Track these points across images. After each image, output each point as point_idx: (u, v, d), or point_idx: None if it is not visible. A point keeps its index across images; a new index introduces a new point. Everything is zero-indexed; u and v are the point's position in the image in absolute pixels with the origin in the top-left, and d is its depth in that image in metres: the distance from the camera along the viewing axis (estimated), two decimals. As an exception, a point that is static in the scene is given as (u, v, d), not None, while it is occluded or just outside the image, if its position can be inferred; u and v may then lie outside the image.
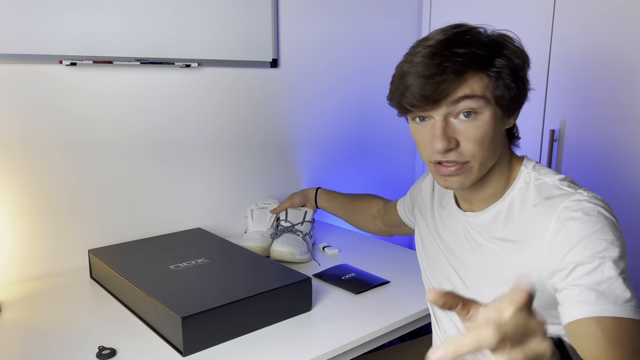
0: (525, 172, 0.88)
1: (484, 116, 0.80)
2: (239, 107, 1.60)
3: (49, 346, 0.96)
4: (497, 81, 0.79)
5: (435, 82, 0.77)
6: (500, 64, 0.79)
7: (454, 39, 0.79)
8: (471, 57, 0.77)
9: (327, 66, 1.79)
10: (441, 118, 0.80)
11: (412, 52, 0.83)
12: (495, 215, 0.88)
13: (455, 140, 0.81)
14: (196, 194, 1.55)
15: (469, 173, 0.83)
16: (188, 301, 0.99)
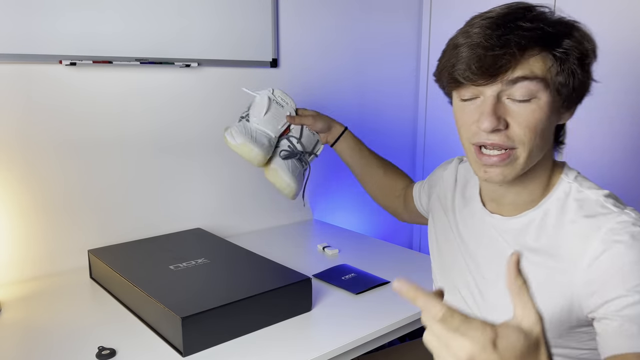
0: (566, 181, 0.81)
1: (540, 101, 0.73)
2: (239, 107, 1.59)
3: (48, 346, 0.96)
4: (562, 64, 0.72)
5: (495, 55, 0.70)
6: (569, 45, 0.72)
7: (520, 14, 0.72)
8: (538, 33, 0.70)
9: (327, 66, 1.79)
10: (494, 95, 0.73)
11: (469, 24, 0.76)
12: (528, 223, 0.81)
13: (505, 121, 0.73)
14: (196, 194, 1.55)
15: (513, 164, 0.75)
16: (188, 301, 0.99)
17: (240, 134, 1.11)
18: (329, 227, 1.74)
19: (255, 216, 1.69)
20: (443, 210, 1.00)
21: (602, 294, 0.71)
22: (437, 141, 2.07)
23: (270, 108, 1.14)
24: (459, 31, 0.77)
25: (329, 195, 1.88)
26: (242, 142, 1.09)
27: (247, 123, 1.13)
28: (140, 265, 1.18)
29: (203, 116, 1.52)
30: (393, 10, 1.96)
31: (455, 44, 0.76)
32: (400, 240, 2.18)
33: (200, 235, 1.44)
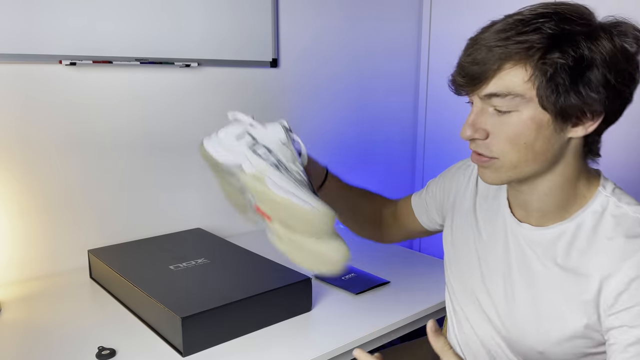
0: (603, 194, 0.77)
1: (520, 115, 0.70)
2: (238, 107, 1.59)
3: (48, 346, 0.96)
4: (543, 77, 0.67)
5: (474, 68, 0.71)
6: (554, 59, 0.66)
7: (529, 20, 0.68)
8: (524, 46, 0.67)
9: (327, 66, 1.79)
10: (478, 105, 0.73)
11: (487, 25, 0.74)
12: (558, 236, 0.78)
13: (485, 132, 0.73)
14: (196, 194, 1.55)
15: (497, 171, 0.75)
16: (188, 301, 0.99)
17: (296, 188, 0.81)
18: (329, 227, 1.74)
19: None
20: (462, 214, 0.95)
21: (623, 318, 0.69)
22: (437, 141, 2.07)
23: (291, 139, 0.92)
24: (478, 30, 0.75)
25: (329, 195, 1.88)
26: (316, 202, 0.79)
27: (287, 172, 0.83)
28: (140, 265, 1.18)
29: (203, 116, 1.52)
30: (393, 10, 1.96)
31: (466, 46, 0.75)
32: (400, 240, 2.18)
33: (200, 235, 1.44)
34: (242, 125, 0.89)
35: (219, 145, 0.89)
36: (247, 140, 0.87)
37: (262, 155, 0.85)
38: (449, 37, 1.95)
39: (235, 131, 0.88)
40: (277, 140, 0.88)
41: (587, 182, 0.78)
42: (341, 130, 1.87)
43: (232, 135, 0.88)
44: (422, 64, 2.07)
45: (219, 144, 0.89)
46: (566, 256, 0.76)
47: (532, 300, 0.79)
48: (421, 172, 2.15)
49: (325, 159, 1.84)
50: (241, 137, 0.86)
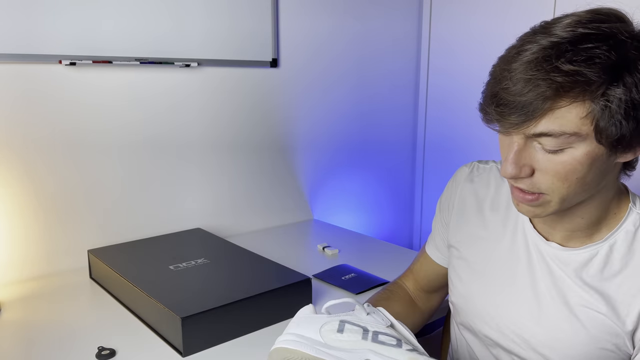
0: (635, 212, 0.74)
1: (575, 152, 0.63)
2: (239, 107, 1.59)
3: (48, 346, 0.96)
4: (602, 113, 0.60)
5: (517, 106, 0.62)
6: (614, 94, 0.59)
7: (568, 45, 0.60)
8: (577, 79, 0.59)
9: (327, 66, 1.79)
10: (520, 141, 0.66)
11: (518, 47, 0.65)
12: (590, 257, 0.74)
13: (531, 168, 0.67)
14: (196, 194, 1.55)
15: (545, 206, 0.69)
16: (188, 301, 0.99)
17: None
18: (329, 227, 1.74)
19: (255, 216, 1.68)
20: (468, 236, 0.89)
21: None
22: (437, 141, 2.07)
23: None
24: (507, 52, 0.66)
25: (329, 195, 1.88)
26: None
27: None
28: (140, 265, 1.18)
29: (203, 116, 1.52)
30: (393, 10, 1.96)
31: (494, 74, 0.66)
32: (400, 240, 2.19)
33: (200, 235, 1.44)
34: (324, 316, 0.73)
35: (316, 345, 0.69)
36: (353, 330, 0.71)
37: (392, 344, 0.70)
38: (449, 36, 1.95)
39: (321, 324, 0.72)
40: (382, 323, 0.73)
41: (618, 200, 0.75)
42: (341, 130, 1.87)
43: (325, 329, 0.71)
44: (422, 64, 2.07)
45: (315, 343, 0.70)
46: (600, 277, 0.73)
47: (562, 316, 0.76)
48: (421, 172, 2.15)
49: (325, 158, 1.84)
50: (343, 330, 0.71)
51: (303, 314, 0.73)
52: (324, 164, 1.84)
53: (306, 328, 0.70)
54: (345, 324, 0.70)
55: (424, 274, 1.02)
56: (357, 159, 1.95)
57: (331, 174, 1.87)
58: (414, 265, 1.04)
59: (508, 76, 0.63)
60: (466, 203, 0.91)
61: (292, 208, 1.78)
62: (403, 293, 1.02)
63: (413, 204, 2.21)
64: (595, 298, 0.73)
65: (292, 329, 0.71)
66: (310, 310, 0.74)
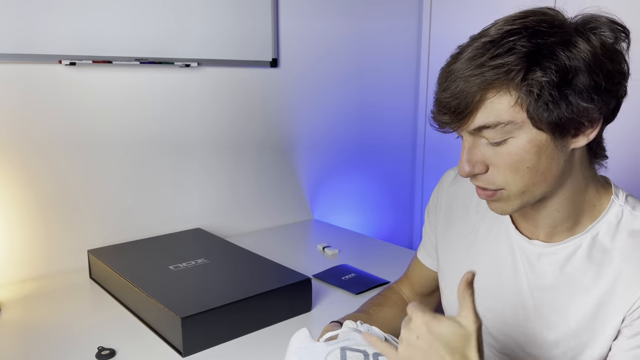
0: (617, 204, 0.74)
1: (517, 141, 0.66)
2: (239, 107, 1.59)
3: (48, 346, 0.96)
4: (529, 98, 0.63)
5: (455, 103, 0.66)
6: (535, 78, 0.63)
7: (498, 40, 0.65)
8: (501, 71, 0.63)
9: (327, 66, 1.79)
10: (468, 140, 0.69)
11: (456, 54, 0.69)
12: (575, 249, 0.75)
13: (484, 164, 0.69)
14: (196, 194, 1.55)
15: (506, 201, 0.71)
16: (188, 301, 0.99)
17: None
18: (329, 227, 1.74)
19: (255, 216, 1.68)
20: (452, 236, 0.91)
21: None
22: (437, 142, 2.07)
23: None
24: (448, 59, 0.70)
25: (329, 195, 1.88)
26: None
27: None
28: (140, 265, 1.18)
29: (203, 116, 1.52)
30: (393, 10, 1.96)
31: (437, 81, 0.71)
32: (400, 240, 2.18)
33: (200, 235, 1.44)
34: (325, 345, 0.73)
35: None
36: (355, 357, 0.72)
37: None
38: (449, 36, 1.95)
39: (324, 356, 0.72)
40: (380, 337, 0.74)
41: (596, 191, 0.75)
42: (341, 130, 1.87)
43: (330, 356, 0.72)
44: (422, 64, 2.07)
45: None
46: (584, 272, 0.73)
47: (546, 314, 0.77)
48: (421, 173, 2.15)
49: (325, 158, 1.84)
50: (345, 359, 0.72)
51: (300, 343, 0.74)
52: (324, 164, 1.84)
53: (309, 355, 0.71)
54: (347, 352, 0.71)
55: (417, 279, 1.03)
56: (357, 159, 1.95)
57: (331, 174, 1.87)
58: (408, 270, 1.07)
59: (446, 79, 0.68)
60: (452, 207, 0.92)
61: (292, 208, 1.78)
62: (397, 297, 1.03)
63: (413, 204, 2.21)
64: (579, 291, 0.74)
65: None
66: (306, 336, 0.74)
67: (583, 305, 0.73)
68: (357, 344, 0.73)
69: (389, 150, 2.05)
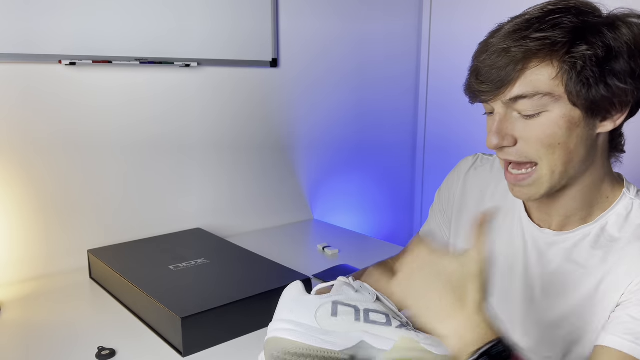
0: (628, 197, 0.75)
1: (551, 114, 0.67)
2: (239, 107, 1.59)
3: (48, 346, 0.96)
4: (570, 73, 0.65)
5: (495, 72, 0.67)
6: (580, 52, 0.64)
7: (536, 19, 0.66)
8: (545, 43, 0.65)
9: (327, 66, 1.79)
10: (501, 111, 0.70)
11: (496, 29, 0.71)
12: (582, 238, 0.76)
13: (513, 138, 0.70)
14: (196, 194, 1.55)
15: (537, 183, 0.71)
16: (188, 301, 0.99)
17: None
18: (329, 227, 1.74)
19: (255, 216, 1.68)
20: (469, 222, 0.91)
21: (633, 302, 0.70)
22: (437, 142, 2.07)
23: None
24: (487, 35, 0.72)
25: (329, 195, 1.88)
26: None
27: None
28: (140, 265, 1.18)
29: (203, 116, 1.52)
30: (393, 9, 1.96)
31: (475, 54, 0.72)
32: (400, 240, 2.18)
33: (200, 235, 1.44)
34: (317, 298, 0.73)
35: (313, 333, 0.69)
36: (346, 312, 0.71)
37: (382, 322, 0.70)
38: (449, 36, 1.95)
39: (316, 308, 0.71)
40: (369, 298, 0.73)
41: (610, 184, 0.76)
42: (341, 130, 1.87)
43: (320, 314, 0.71)
44: (422, 64, 2.07)
45: (311, 330, 0.69)
46: (589, 258, 0.75)
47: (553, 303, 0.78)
48: (421, 173, 2.15)
49: (325, 158, 1.84)
50: (336, 313, 0.71)
51: (293, 295, 0.74)
52: (324, 164, 1.84)
53: (301, 313, 0.71)
54: (338, 306, 0.71)
55: None
56: (357, 159, 1.95)
57: (331, 174, 1.87)
58: (407, 247, 1.09)
59: (486, 50, 0.69)
60: (468, 195, 0.93)
61: (292, 208, 1.78)
62: (389, 270, 1.03)
63: (413, 204, 2.21)
64: (583, 275, 0.75)
65: (285, 314, 0.71)
66: (300, 288, 0.74)
67: (585, 288, 0.75)
68: (349, 298, 0.73)
69: (389, 150, 2.05)
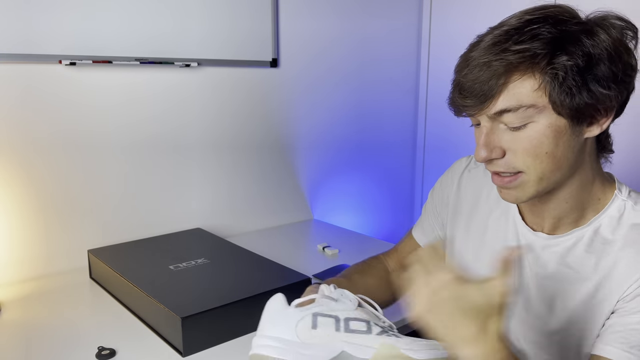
0: (620, 198, 0.75)
1: (537, 125, 0.67)
2: (239, 107, 1.59)
3: (48, 346, 0.96)
4: (553, 83, 0.65)
5: (478, 86, 0.67)
6: (560, 62, 0.64)
7: (520, 28, 0.66)
8: (525, 55, 0.65)
9: (327, 66, 1.79)
10: (487, 124, 0.70)
11: (475, 42, 0.71)
12: (576, 241, 0.76)
13: (501, 149, 0.70)
14: (196, 194, 1.55)
15: (524, 187, 0.71)
16: (188, 301, 0.99)
17: None
18: (329, 227, 1.74)
19: (255, 216, 1.68)
20: (461, 226, 0.92)
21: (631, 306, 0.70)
22: (437, 141, 2.07)
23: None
24: (467, 48, 0.72)
25: (329, 195, 1.88)
26: None
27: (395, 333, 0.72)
28: (140, 265, 1.18)
29: (203, 116, 1.52)
30: (393, 9, 1.96)
31: (457, 67, 0.72)
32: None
33: (200, 235, 1.44)
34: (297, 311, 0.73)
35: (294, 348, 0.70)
36: (326, 323, 0.71)
37: (363, 330, 0.70)
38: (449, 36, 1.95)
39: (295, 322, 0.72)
40: (350, 306, 0.74)
41: (601, 185, 0.77)
42: (341, 130, 1.87)
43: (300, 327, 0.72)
44: (422, 64, 2.07)
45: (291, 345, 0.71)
46: (584, 262, 0.75)
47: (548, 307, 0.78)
48: (421, 173, 2.15)
49: (325, 158, 1.84)
50: (316, 325, 0.71)
51: (275, 308, 0.77)
52: (324, 164, 1.84)
53: (281, 327, 0.73)
54: (318, 317, 0.72)
55: (407, 254, 1.03)
56: (357, 159, 1.95)
57: (331, 174, 1.87)
58: (399, 245, 1.09)
59: (467, 65, 0.69)
60: (462, 198, 0.93)
61: (292, 208, 1.78)
62: (381, 268, 1.05)
63: (413, 204, 2.21)
64: (578, 280, 0.75)
65: (267, 330, 0.75)
66: (281, 301, 0.76)
67: (581, 293, 0.75)
68: (329, 309, 0.74)
69: (389, 150, 2.05)
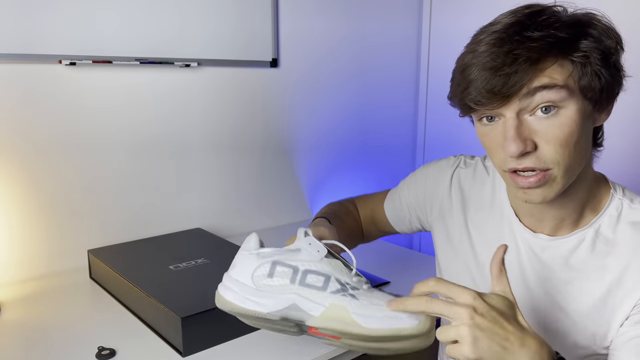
0: (617, 197, 0.75)
1: (567, 111, 0.66)
2: (239, 107, 1.59)
3: (48, 346, 0.96)
4: (583, 68, 0.65)
5: (505, 74, 0.64)
6: (587, 46, 0.65)
7: (527, 21, 0.65)
8: (550, 41, 0.64)
9: (327, 66, 1.79)
10: (513, 116, 0.66)
11: (475, 41, 0.69)
12: (579, 242, 0.76)
13: (533, 142, 0.67)
14: (196, 194, 1.55)
15: (552, 184, 0.69)
16: (188, 301, 0.99)
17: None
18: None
19: (255, 216, 1.68)
20: (454, 228, 0.91)
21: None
22: (437, 141, 2.07)
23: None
24: (466, 48, 0.70)
25: (329, 196, 1.88)
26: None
27: (359, 292, 0.72)
28: (140, 265, 1.18)
29: (203, 116, 1.52)
30: (393, 9, 1.96)
31: (464, 66, 0.69)
32: (400, 240, 2.18)
33: (200, 235, 1.44)
34: (258, 257, 0.73)
35: (245, 294, 0.71)
36: (283, 273, 0.70)
37: (318, 286, 0.69)
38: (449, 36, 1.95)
39: (254, 267, 0.71)
40: (316, 257, 0.72)
41: (597, 183, 0.76)
42: (341, 130, 1.87)
43: (257, 274, 0.71)
44: (422, 63, 2.07)
45: (244, 291, 0.71)
46: (588, 264, 0.74)
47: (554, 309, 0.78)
48: (421, 172, 2.14)
49: (325, 159, 1.84)
50: (273, 273, 0.70)
51: (245, 247, 0.78)
52: (324, 164, 1.84)
53: (241, 271, 0.75)
54: (277, 266, 0.72)
55: (371, 213, 1.11)
56: (357, 159, 1.95)
57: (331, 175, 1.87)
58: (371, 199, 1.12)
59: (481, 60, 0.66)
60: (453, 197, 0.92)
61: (292, 208, 1.78)
62: (356, 215, 1.12)
63: (413, 204, 2.20)
64: (583, 282, 0.75)
65: (231, 270, 0.77)
66: (254, 242, 0.78)
67: (587, 295, 0.74)
68: (290, 258, 0.73)
69: (389, 151, 2.05)
